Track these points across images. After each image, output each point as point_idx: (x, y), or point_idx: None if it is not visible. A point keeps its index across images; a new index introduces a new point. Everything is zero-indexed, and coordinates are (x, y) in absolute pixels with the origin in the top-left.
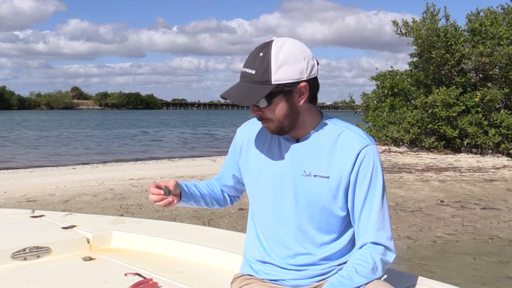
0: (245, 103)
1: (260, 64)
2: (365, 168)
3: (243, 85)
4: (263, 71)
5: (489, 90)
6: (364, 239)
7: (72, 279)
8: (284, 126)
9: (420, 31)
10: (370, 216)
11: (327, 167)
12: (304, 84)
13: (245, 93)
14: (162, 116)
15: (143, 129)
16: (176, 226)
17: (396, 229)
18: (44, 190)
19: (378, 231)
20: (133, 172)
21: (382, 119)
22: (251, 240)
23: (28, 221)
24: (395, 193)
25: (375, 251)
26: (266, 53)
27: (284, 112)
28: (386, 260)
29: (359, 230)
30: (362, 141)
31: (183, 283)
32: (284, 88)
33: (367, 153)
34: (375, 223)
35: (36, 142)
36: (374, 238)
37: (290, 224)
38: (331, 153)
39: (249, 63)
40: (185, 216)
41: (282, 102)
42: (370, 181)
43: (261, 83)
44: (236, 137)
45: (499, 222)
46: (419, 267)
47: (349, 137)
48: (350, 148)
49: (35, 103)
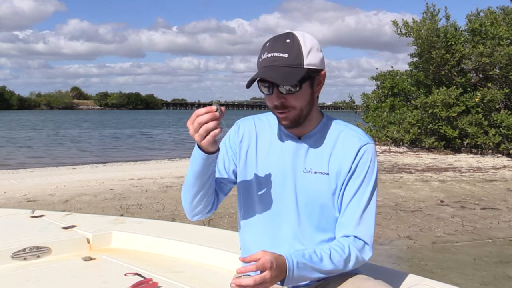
0: (287, 83)
1: (291, 49)
2: (362, 164)
3: (276, 69)
4: (296, 55)
5: (489, 90)
6: (346, 231)
7: (72, 279)
8: (302, 115)
9: (420, 31)
10: (356, 210)
11: (327, 164)
12: (324, 72)
13: (282, 75)
14: (163, 116)
15: (143, 129)
16: (176, 226)
17: (396, 229)
18: (44, 190)
19: (361, 227)
20: (133, 172)
21: (382, 119)
22: (249, 238)
23: (28, 221)
24: (395, 193)
25: (354, 245)
26: (293, 39)
27: (307, 99)
28: (361, 257)
29: (343, 221)
30: (362, 139)
31: (183, 283)
32: (312, 73)
33: (366, 151)
34: (360, 218)
35: (36, 142)
36: (356, 233)
37: (290, 222)
38: (332, 151)
39: (277, 48)
40: (185, 216)
41: (308, 88)
42: (364, 177)
43: (295, 67)
44: (237, 129)
45: (499, 222)
46: (419, 267)
47: (350, 136)
48: (351, 145)
49: (35, 103)
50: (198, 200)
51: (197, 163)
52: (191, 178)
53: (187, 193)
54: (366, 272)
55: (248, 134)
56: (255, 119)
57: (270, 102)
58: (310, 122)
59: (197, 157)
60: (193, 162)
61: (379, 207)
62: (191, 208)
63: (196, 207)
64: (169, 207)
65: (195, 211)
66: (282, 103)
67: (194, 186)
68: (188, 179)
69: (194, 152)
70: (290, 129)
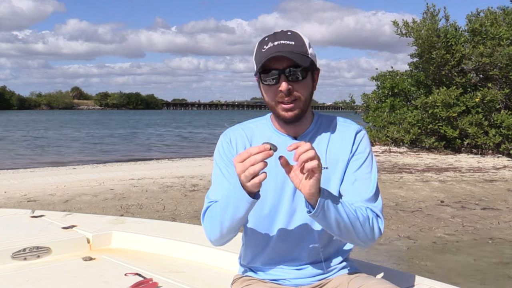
0: (303, 63)
1: (296, 38)
2: (362, 146)
3: (286, 53)
4: (301, 44)
5: (489, 90)
6: (359, 202)
7: (72, 279)
8: (305, 108)
9: (420, 32)
10: (369, 184)
11: (325, 158)
12: (319, 70)
13: (296, 56)
14: (163, 116)
15: (143, 129)
16: (176, 226)
17: (396, 229)
18: (44, 190)
19: (373, 201)
20: (133, 172)
21: (383, 120)
22: (250, 241)
23: (28, 221)
24: (395, 193)
25: (372, 211)
26: (294, 32)
27: (310, 91)
28: (377, 225)
29: (353, 194)
30: (356, 127)
31: (183, 283)
32: (313, 66)
33: (364, 136)
34: (372, 191)
35: (36, 142)
36: (369, 205)
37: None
38: (328, 144)
39: (282, 37)
40: (185, 216)
41: (310, 80)
42: (367, 156)
43: (301, 54)
44: (228, 140)
45: (499, 223)
46: (419, 267)
47: (343, 126)
48: (346, 133)
49: (35, 103)
50: (230, 232)
51: (241, 208)
52: (229, 221)
53: (218, 227)
54: (366, 271)
55: (241, 142)
56: (243, 127)
57: (273, 93)
58: (306, 120)
59: (242, 200)
60: (236, 206)
61: None
62: (220, 238)
63: (226, 237)
64: (169, 207)
65: (224, 240)
66: (289, 90)
67: (231, 226)
68: (224, 218)
69: (237, 194)
70: (288, 126)
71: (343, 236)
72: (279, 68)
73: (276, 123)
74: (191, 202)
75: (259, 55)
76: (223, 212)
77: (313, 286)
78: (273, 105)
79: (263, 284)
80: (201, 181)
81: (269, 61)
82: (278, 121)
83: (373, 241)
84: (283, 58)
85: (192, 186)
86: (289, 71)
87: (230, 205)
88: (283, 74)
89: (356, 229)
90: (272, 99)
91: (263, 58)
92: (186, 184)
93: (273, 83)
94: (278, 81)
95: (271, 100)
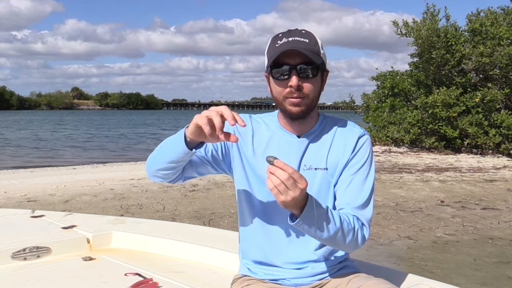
0: (316, 59)
1: (310, 37)
2: (361, 152)
3: (300, 49)
4: (314, 43)
5: (489, 90)
6: (348, 209)
7: (72, 279)
8: (311, 106)
9: (420, 32)
10: (361, 191)
11: (326, 159)
12: (328, 72)
13: (308, 53)
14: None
15: (144, 129)
16: (176, 226)
17: (396, 229)
18: (45, 190)
19: (362, 209)
20: (133, 172)
21: (383, 120)
22: (249, 240)
23: (28, 221)
24: (395, 193)
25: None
26: (308, 31)
27: (318, 90)
28: (361, 234)
29: (343, 198)
30: (359, 131)
31: (183, 283)
32: (323, 66)
33: (366, 141)
34: (363, 199)
35: (36, 142)
36: (358, 213)
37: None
38: (330, 145)
39: (296, 34)
40: (185, 216)
41: (320, 80)
42: (364, 162)
43: (314, 52)
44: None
45: (499, 223)
46: (419, 267)
47: (347, 129)
48: (349, 137)
49: (35, 103)
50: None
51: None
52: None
53: (154, 162)
54: (366, 271)
55: (244, 130)
56: (251, 118)
57: (282, 88)
58: (311, 119)
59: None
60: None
61: (379, 207)
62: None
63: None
64: (169, 207)
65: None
66: (299, 87)
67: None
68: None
69: (179, 138)
70: (293, 123)
71: (324, 243)
72: (291, 64)
73: (281, 120)
74: (191, 202)
75: (272, 49)
76: (160, 149)
77: (313, 286)
78: (280, 100)
79: (263, 284)
80: (201, 181)
81: (282, 56)
82: (284, 118)
83: (356, 249)
84: (296, 54)
85: (192, 186)
86: (300, 67)
87: (169, 143)
88: (294, 70)
89: (338, 241)
90: (280, 93)
91: (276, 52)
92: (186, 184)
93: (284, 78)
94: (289, 76)
95: (279, 95)
